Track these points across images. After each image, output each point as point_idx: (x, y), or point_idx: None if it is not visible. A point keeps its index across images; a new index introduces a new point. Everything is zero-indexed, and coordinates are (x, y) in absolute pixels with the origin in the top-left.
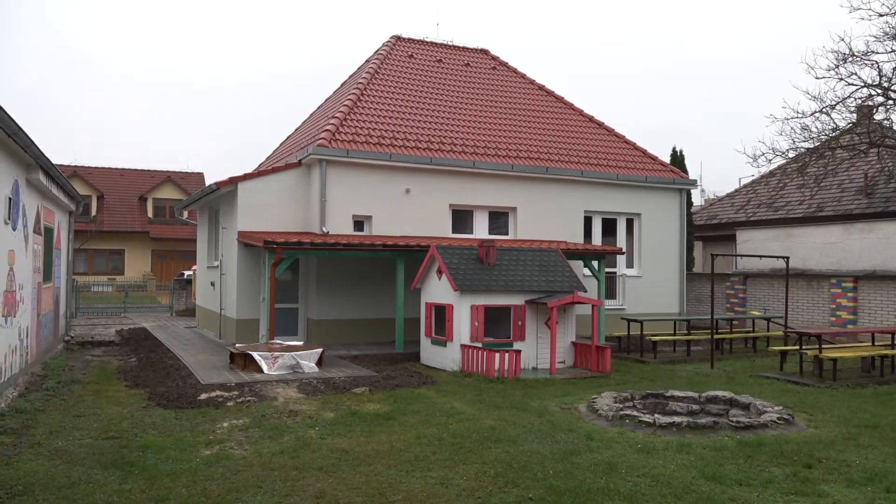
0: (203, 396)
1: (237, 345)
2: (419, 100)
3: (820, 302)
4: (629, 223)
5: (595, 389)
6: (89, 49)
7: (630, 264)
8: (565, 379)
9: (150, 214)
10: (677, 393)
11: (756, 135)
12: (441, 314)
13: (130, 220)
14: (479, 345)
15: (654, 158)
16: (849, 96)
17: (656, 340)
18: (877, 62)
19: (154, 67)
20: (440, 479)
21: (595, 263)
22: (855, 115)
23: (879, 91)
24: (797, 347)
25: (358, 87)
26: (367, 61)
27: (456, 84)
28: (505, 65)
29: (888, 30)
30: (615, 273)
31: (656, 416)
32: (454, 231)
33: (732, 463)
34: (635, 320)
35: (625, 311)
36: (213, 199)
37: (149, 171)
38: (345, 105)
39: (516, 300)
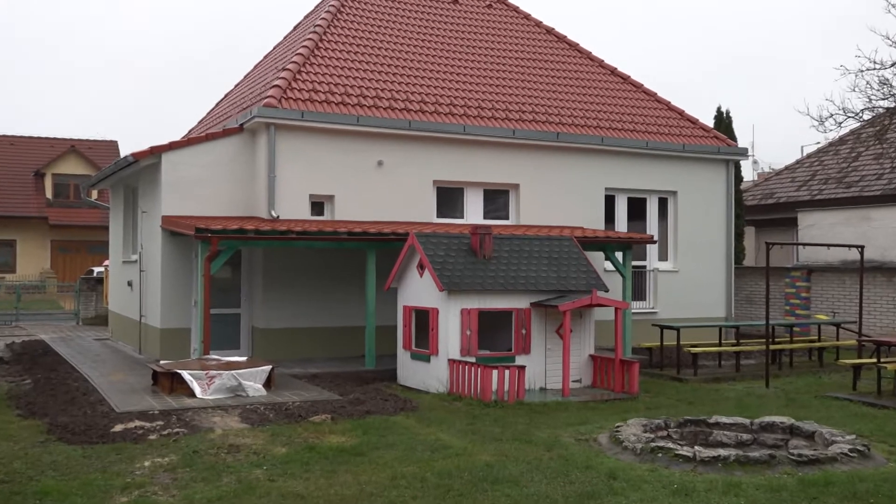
0: (118, 428)
1: (162, 361)
2: (395, 47)
3: None
4: (662, 204)
5: (619, 415)
6: None
7: (663, 256)
8: (581, 402)
9: (48, 195)
10: (723, 419)
11: (823, 91)
12: (423, 321)
13: (23, 202)
14: (473, 359)
15: (693, 121)
16: None
17: (697, 353)
18: None
19: (56, 13)
20: None
21: (619, 255)
22: None
23: None
24: (874, 360)
25: (316, 31)
26: None
27: (443, 27)
28: (504, 1)
29: None
30: (645, 267)
31: (697, 448)
32: (440, 215)
33: None
34: (670, 327)
35: (657, 315)
36: (130, 174)
37: (47, 139)
38: (299, 54)
39: (519, 302)
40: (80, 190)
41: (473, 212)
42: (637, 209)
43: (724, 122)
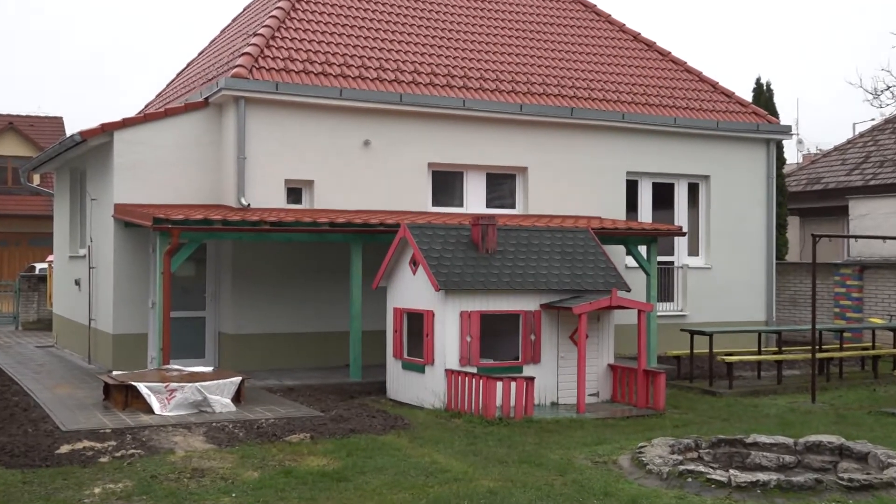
0: (64, 449)
1: (114, 373)
2: (384, 8)
3: None
4: (693, 190)
5: (643, 434)
6: None
7: (694, 251)
8: (599, 419)
9: None
10: (763, 438)
11: (878, 60)
12: (417, 325)
13: None
14: (474, 370)
15: (729, 95)
16: None
17: (732, 362)
18: None
19: None
20: None
21: (643, 249)
22: None
23: None
24: None
25: None
26: None
27: None
28: None
29: None
30: (672, 264)
31: (732, 472)
32: (436, 203)
33: None
34: (702, 332)
35: (686, 318)
36: (78, 156)
37: None
38: (272, 16)
39: (527, 304)
40: (19, 174)
41: (474, 199)
42: (664, 196)
43: (764, 95)
